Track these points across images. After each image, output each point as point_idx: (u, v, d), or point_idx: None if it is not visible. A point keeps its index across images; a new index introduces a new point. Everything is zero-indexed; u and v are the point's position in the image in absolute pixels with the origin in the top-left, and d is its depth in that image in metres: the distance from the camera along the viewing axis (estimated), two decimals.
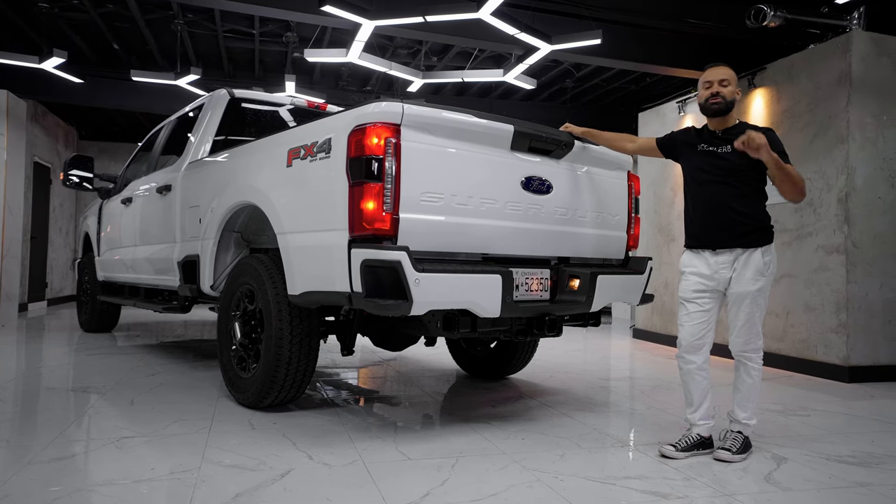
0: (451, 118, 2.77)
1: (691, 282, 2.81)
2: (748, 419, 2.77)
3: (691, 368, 2.81)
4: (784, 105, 5.48)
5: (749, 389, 2.77)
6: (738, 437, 2.73)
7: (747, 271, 2.68)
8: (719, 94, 2.72)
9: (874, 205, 4.91)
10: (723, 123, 2.79)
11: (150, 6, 6.96)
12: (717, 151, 2.76)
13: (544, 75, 8.87)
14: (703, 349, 2.79)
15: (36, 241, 9.53)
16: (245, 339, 3.34)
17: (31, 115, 9.09)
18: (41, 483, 2.20)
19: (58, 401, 3.49)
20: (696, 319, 2.78)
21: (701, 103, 2.80)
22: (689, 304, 2.81)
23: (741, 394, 2.79)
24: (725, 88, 2.73)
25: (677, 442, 2.72)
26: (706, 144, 2.80)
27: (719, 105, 2.73)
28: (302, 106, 4.73)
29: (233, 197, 3.45)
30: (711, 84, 2.76)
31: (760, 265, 2.67)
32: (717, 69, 2.79)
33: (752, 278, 2.67)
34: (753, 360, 2.77)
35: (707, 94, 2.76)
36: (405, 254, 2.45)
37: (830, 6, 5.58)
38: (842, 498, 2.27)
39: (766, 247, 2.71)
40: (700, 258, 2.79)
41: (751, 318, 2.71)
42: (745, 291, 2.68)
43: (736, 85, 2.78)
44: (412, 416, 3.35)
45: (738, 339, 2.76)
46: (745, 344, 2.75)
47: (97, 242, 6.01)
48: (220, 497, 2.11)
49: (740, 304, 2.71)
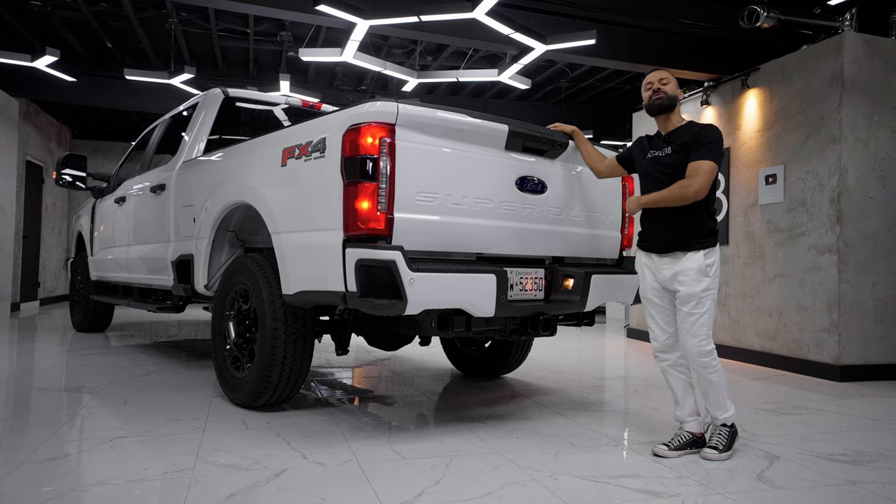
0: (445, 118, 2.77)
1: (647, 280, 2.87)
2: (725, 412, 2.76)
3: (665, 366, 2.85)
4: (777, 105, 5.51)
5: (717, 389, 2.74)
6: (722, 431, 2.74)
7: (689, 273, 2.69)
8: (660, 90, 2.81)
9: (866, 205, 4.95)
10: (668, 124, 2.85)
11: (144, 5, 6.93)
12: (660, 155, 2.82)
13: (539, 75, 8.89)
14: (675, 346, 2.82)
15: (28, 240, 9.47)
16: (239, 339, 3.33)
17: (23, 113, 9.03)
18: (33, 483, 2.19)
19: (50, 401, 3.47)
20: (661, 318, 2.84)
21: (646, 105, 2.87)
22: (649, 304, 2.87)
23: (711, 396, 2.76)
24: (666, 86, 2.81)
25: (669, 441, 2.73)
26: (653, 150, 2.87)
27: (662, 100, 2.80)
28: (296, 105, 4.72)
29: (227, 196, 3.45)
30: (652, 84, 2.85)
31: (702, 266, 2.69)
32: (656, 72, 2.89)
33: (695, 279, 2.68)
34: (711, 364, 2.71)
35: (649, 94, 2.85)
36: (400, 253, 2.45)
37: (823, 7, 5.61)
38: (833, 496, 2.29)
39: (707, 249, 2.71)
40: (649, 257, 2.86)
41: (698, 319, 2.67)
42: (690, 293, 2.68)
43: (676, 85, 2.86)
44: (407, 416, 3.35)
45: (688, 343, 2.71)
46: (696, 347, 2.68)
47: (90, 242, 5.98)
48: (214, 497, 2.11)
49: (685, 305, 2.70)
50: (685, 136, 2.76)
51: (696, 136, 2.72)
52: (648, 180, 2.86)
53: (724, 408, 2.77)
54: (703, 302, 2.68)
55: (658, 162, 2.82)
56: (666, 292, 2.82)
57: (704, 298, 2.68)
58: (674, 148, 2.76)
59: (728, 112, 6.10)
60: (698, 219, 2.73)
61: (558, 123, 3.34)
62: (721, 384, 2.74)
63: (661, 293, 2.83)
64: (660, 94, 2.80)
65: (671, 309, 2.82)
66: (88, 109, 10.72)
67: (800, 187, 5.22)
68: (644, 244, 2.89)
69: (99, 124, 11.77)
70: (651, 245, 2.84)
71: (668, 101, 2.80)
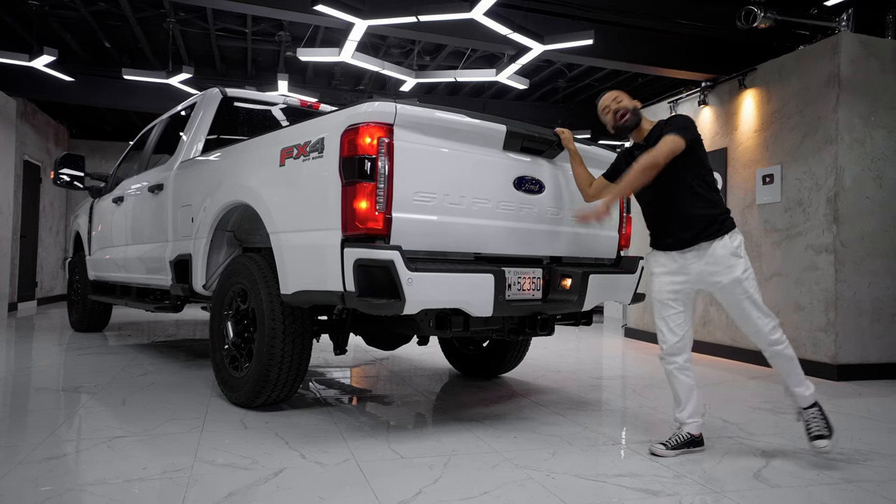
0: (443, 118, 2.77)
1: (664, 282, 2.83)
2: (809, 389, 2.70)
3: (671, 369, 2.81)
4: (774, 106, 5.52)
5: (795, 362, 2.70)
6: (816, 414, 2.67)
7: (720, 261, 2.68)
8: (619, 110, 2.83)
9: (862, 205, 4.96)
10: (641, 132, 2.87)
11: (142, 4, 6.92)
12: None
13: (537, 75, 8.90)
14: (683, 349, 2.80)
15: (26, 240, 9.46)
16: (238, 339, 3.34)
17: (20, 113, 9.02)
18: (32, 483, 2.19)
19: (48, 401, 3.47)
20: (674, 321, 2.80)
21: (615, 128, 2.88)
22: (663, 306, 2.83)
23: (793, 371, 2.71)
24: (622, 103, 2.84)
25: (667, 441, 2.74)
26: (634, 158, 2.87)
27: (628, 119, 2.83)
28: (294, 105, 4.72)
29: (225, 196, 3.45)
30: (608, 109, 2.87)
31: (731, 249, 2.69)
32: (605, 96, 2.91)
33: (729, 265, 2.67)
34: (783, 340, 2.69)
35: (612, 117, 2.86)
36: (398, 253, 2.46)
37: (820, 8, 5.63)
38: (829, 494, 2.30)
39: (729, 233, 2.72)
40: (668, 257, 2.82)
41: (751, 300, 2.68)
42: (731, 280, 2.67)
43: (629, 97, 2.87)
44: (405, 415, 3.36)
45: (752, 329, 2.70)
46: (767, 326, 2.67)
47: (88, 241, 5.98)
48: (213, 496, 2.11)
49: (732, 293, 2.69)
50: (657, 131, 2.80)
51: (664, 124, 2.78)
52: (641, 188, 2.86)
53: (805, 383, 2.69)
54: (748, 283, 2.68)
55: None
56: (684, 294, 2.78)
57: (748, 279, 2.68)
58: (651, 144, 2.77)
59: (725, 112, 6.11)
60: (707, 206, 2.73)
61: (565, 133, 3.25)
62: (795, 356, 2.71)
63: (677, 295, 2.79)
64: (624, 114, 2.82)
65: (685, 312, 2.80)
66: (86, 109, 10.70)
67: (797, 187, 5.24)
68: (660, 244, 2.85)
69: (97, 124, 11.76)
70: (671, 243, 2.79)
71: (635, 117, 2.83)
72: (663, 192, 2.77)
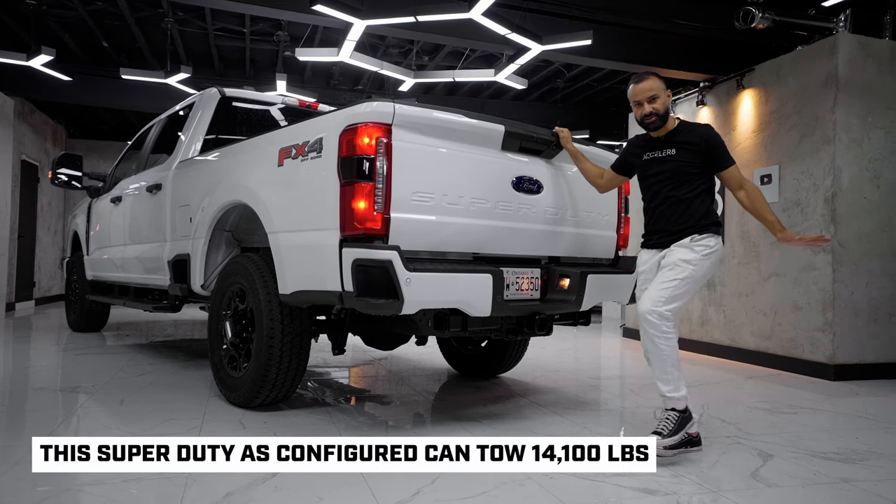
0: (441, 118, 2.78)
1: (641, 280, 2.92)
2: (669, 388, 2.66)
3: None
4: (772, 106, 5.53)
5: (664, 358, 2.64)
6: (670, 415, 2.64)
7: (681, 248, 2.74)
8: (652, 113, 2.79)
9: (860, 205, 4.97)
10: (663, 132, 2.87)
11: (140, 4, 6.92)
12: (660, 157, 2.85)
13: (535, 75, 8.90)
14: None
15: (23, 240, 9.44)
16: (236, 339, 3.33)
17: (18, 112, 9.00)
18: (29, 482, 2.19)
19: (46, 401, 3.47)
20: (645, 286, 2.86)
21: (638, 121, 2.88)
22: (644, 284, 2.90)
23: (656, 364, 2.67)
24: (655, 103, 2.79)
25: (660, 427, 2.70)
26: (651, 152, 2.89)
27: (655, 123, 2.81)
28: (293, 105, 4.72)
29: (224, 196, 3.45)
30: (641, 104, 2.82)
31: (687, 243, 2.73)
32: (641, 85, 2.82)
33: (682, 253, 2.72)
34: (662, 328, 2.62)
35: (640, 114, 2.83)
36: (396, 253, 2.46)
37: (817, 8, 5.64)
38: (826, 494, 2.31)
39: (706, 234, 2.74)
40: (649, 254, 2.90)
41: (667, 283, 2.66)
42: (671, 261, 2.72)
43: (664, 92, 2.81)
44: (403, 415, 3.36)
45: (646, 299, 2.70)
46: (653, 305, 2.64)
47: (86, 241, 5.97)
48: (211, 496, 2.11)
49: (662, 269, 2.75)
50: (687, 136, 2.81)
51: (703, 140, 2.76)
52: (649, 181, 2.89)
53: (669, 382, 2.63)
54: (678, 267, 2.68)
55: (660, 162, 2.84)
56: None
57: (682, 268, 2.68)
58: (677, 148, 2.79)
59: (723, 112, 6.12)
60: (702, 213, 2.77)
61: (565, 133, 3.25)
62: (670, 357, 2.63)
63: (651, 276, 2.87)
64: (652, 118, 2.80)
65: None
66: (84, 109, 10.69)
67: (794, 187, 5.25)
68: (647, 243, 2.93)
69: (95, 124, 11.74)
70: (655, 242, 2.87)
71: (661, 122, 2.82)
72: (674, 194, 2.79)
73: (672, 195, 2.80)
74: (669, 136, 2.85)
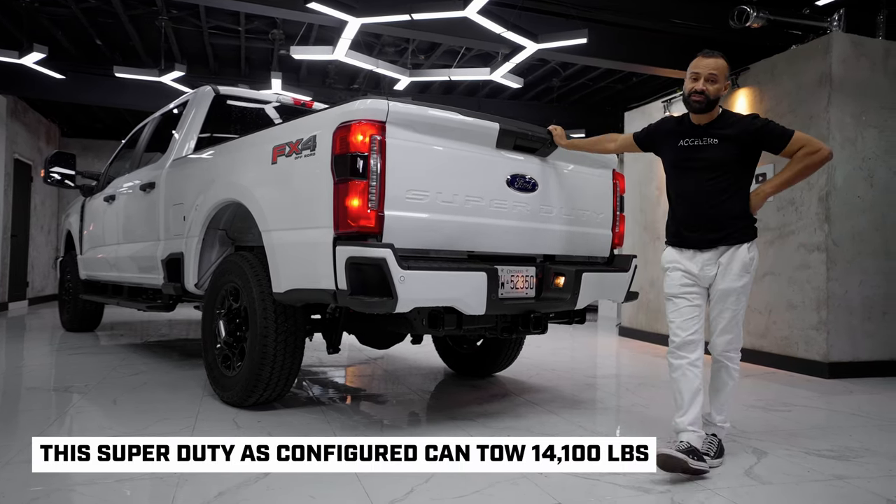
0: (436, 116, 2.77)
1: (676, 276, 2.71)
2: (723, 422, 2.72)
3: (682, 364, 2.63)
4: (767, 105, 5.55)
5: (730, 392, 2.73)
6: (713, 440, 2.63)
7: (733, 267, 2.61)
8: (704, 92, 2.58)
9: (854, 204, 4.99)
10: (708, 117, 2.67)
11: (134, 2, 6.88)
12: (699, 145, 2.67)
13: (531, 74, 8.90)
14: (696, 345, 2.65)
15: (16, 239, 9.39)
16: (230, 338, 3.32)
17: (11, 111, 8.95)
18: (21, 483, 2.17)
19: (39, 400, 3.45)
20: (687, 314, 2.65)
21: (684, 95, 2.67)
22: (677, 300, 2.70)
23: (721, 395, 2.73)
24: (712, 85, 2.59)
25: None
26: (688, 139, 2.69)
27: (700, 105, 2.60)
28: (288, 103, 4.70)
29: (217, 194, 3.43)
30: (698, 77, 2.61)
31: (746, 261, 2.61)
32: (709, 60, 2.62)
33: (738, 274, 2.60)
34: (734, 360, 2.71)
35: (691, 88, 2.62)
36: (390, 251, 2.45)
37: (811, 8, 5.66)
38: (820, 491, 2.31)
39: (751, 242, 2.65)
40: (683, 255, 2.71)
41: (735, 315, 2.65)
42: (731, 288, 2.61)
43: (725, 79, 2.63)
44: (398, 414, 3.35)
45: (721, 339, 2.68)
46: (729, 343, 2.68)
47: (80, 240, 5.94)
48: (203, 496, 2.10)
49: (725, 300, 2.63)
50: (732, 128, 2.62)
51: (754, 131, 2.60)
52: (680, 170, 2.72)
53: (725, 413, 2.72)
54: (741, 297, 2.63)
55: (698, 151, 2.65)
56: (700, 290, 2.68)
57: (743, 294, 2.63)
58: (720, 139, 2.61)
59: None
60: (739, 209, 2.62)
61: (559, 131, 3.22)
62: (736, 387, 2.73)
63: (691, 290, 2.67)
64: (700, 98, 2.59)
65: (702, 306, 2.69)
66: (78, 107, 10.63)
67: None
68: (679, 241, 2.72)
69: (88, 122, 11.67)
70: (692, 242, 2.67)
71: (707, 107, 2.61)
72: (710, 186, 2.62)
73: (709, 188, 2.62)
74: (712, 125, 2.65)
